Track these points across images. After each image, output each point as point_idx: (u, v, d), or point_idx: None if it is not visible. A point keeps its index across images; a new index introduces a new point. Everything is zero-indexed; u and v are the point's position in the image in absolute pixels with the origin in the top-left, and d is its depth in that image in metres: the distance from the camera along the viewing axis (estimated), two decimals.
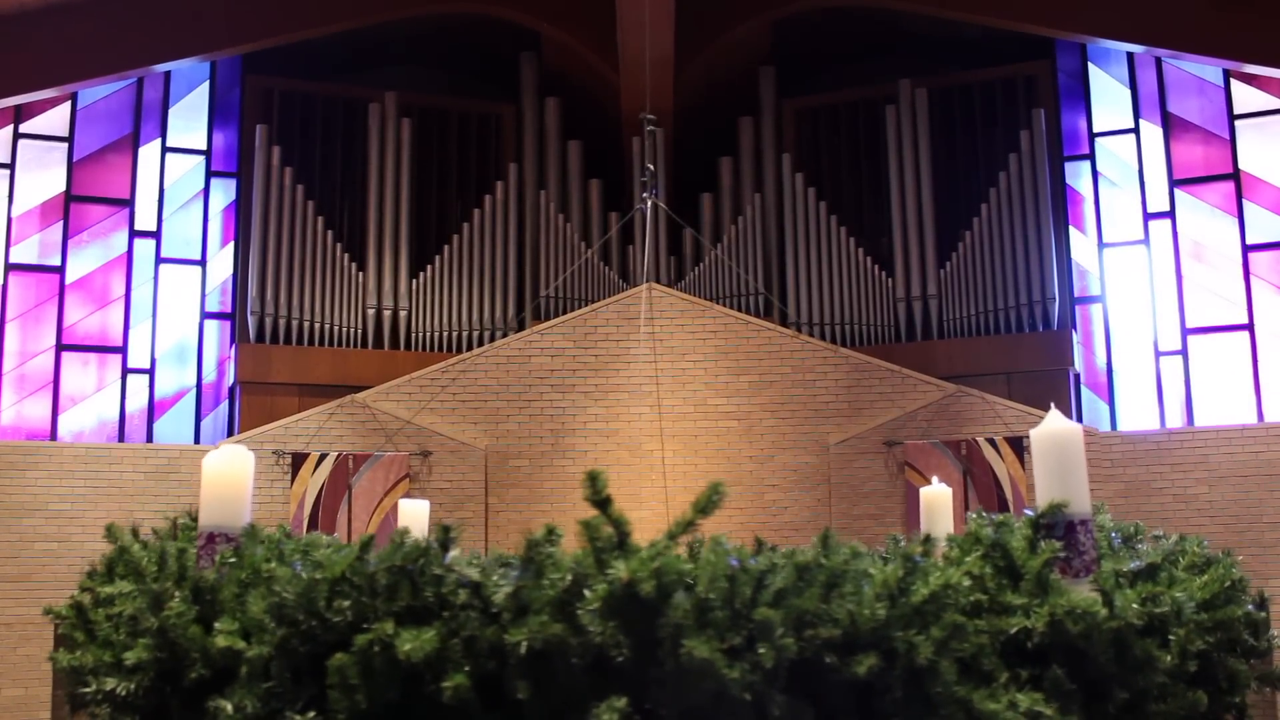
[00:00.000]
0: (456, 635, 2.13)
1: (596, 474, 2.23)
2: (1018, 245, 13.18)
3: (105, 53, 12.87)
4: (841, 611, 2.15)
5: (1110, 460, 11.30)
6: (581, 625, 2.08)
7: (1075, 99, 14.06)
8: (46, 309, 13.02)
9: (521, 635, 2.07)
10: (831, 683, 2.13)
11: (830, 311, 13.51)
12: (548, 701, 2.09)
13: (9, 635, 10.82)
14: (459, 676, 2.09)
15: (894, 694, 2.17)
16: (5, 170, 13.08)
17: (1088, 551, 2.69)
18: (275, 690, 2.27)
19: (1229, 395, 12.92)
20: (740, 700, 2.03)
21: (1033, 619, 2.43)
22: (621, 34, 11.99)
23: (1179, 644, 2.54)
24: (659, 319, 11.99)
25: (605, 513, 2.24)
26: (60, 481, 11.17)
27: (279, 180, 13.32)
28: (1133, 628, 2.44)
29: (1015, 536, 2.67)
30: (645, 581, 2.06)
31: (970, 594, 2.45)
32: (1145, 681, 2.46)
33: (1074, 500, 2.73)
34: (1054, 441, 2.82)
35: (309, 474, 11.31)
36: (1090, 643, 2.41)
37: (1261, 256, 13.08)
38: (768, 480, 11.56)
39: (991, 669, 2.35)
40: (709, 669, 2.00)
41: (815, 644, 2.13)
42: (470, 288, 13.59)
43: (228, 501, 2.96)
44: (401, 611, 2.19)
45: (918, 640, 2.18)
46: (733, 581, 2.13)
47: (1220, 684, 2.75)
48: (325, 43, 13.83)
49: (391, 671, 2.13)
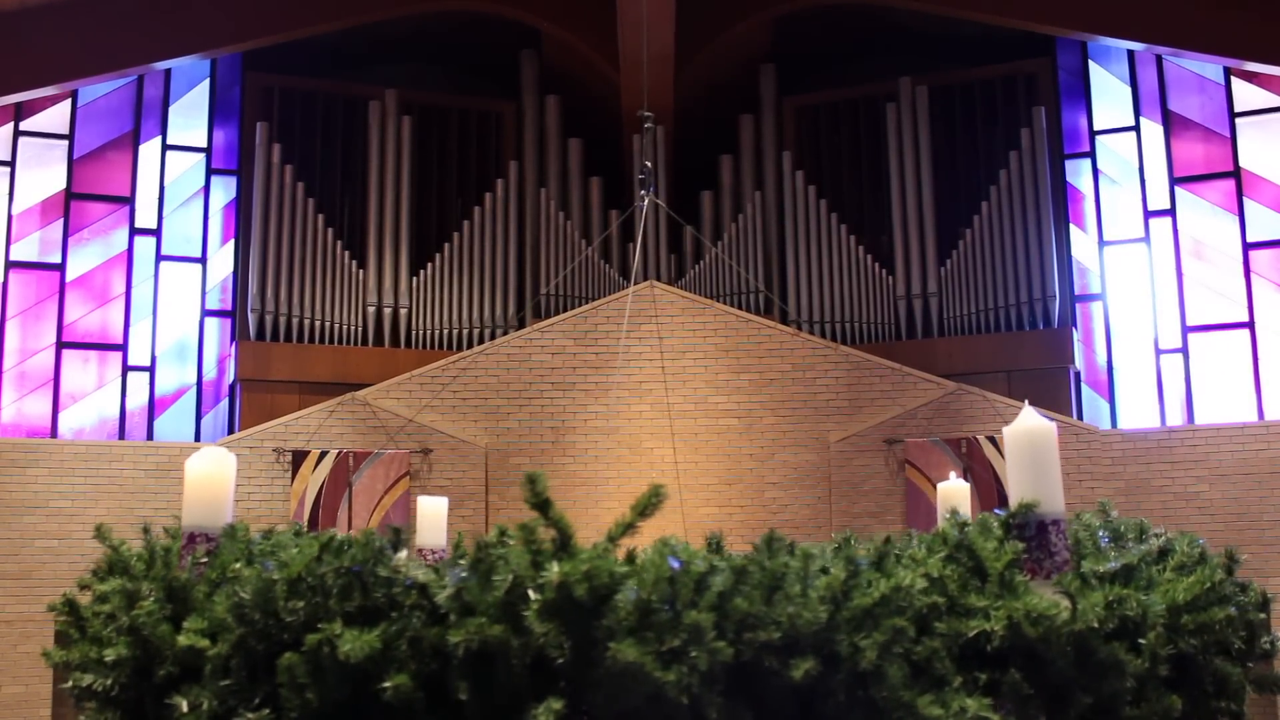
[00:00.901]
0: (403, 636, 2.15)
1: (535, 476, 2.24)
2: (1018, 243, 13.17)
3: (105, 50, 12.87)
4: (782, 614, 2.12)
5: (1110, 458, 11.30)
6: (523, 627, 2.09)
7: (1076, 96, 14.06)
8: (47, 306, 13.02)
9: (460, 636, 2.10)
10: (773, 686, 2.11)
11: (830, 309, 13.51)
12: (489, 702, 2.11)
13: (9, 633, 10.83)
14: (401, 676, 2.11)
15: (837, 698, 2.14)
16: (5, 168, 13.08)
17: (1060, 553, 2.62)
18: (232, 688, 2.31)
19: (1229, 393, 12.92)
20: (676, 703, 2.02)
21: (990, 622, 2.38)
22: (622, 32, 11.99)
23: (1149, 647, 2.47)
24: (660, 317, 11.99)
25: (546, 515, 2.25)
26: (61, 479, 11.17)
27: (279, 178, 13.32)
28: (1096, 631, 2.37)
29: (987, 537, 2.61)
30: (578, 584, 2.08)
31: (928, 596, 2.40)
32: (1112, 686, 2.39)
33: (1046, 500, 2.66)
34: (1028, 439, 2.75)
35: (309, 472, 11.32)
36: (1049, 646, 2.35)
37: (1262, 254, 13.08)
38: (768, 478, 11.57)
39: (944, 673, 2.30)
40: (638, 671, 2.00)
41: (754, 646, 2.11)
42: (471, 286, 13.59)
43: (209, 503, 3.05)
44: (354, 612, 2.22)
45: (864, 643, 2.15)
46: (673, 583, 2.13)
47: (1206, 688, 2.67)
48: (325, 40, 13.83)
49: (340, 671, 2.15)
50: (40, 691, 10.70)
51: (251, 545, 2.81)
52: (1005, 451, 2.80)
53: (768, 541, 2.28)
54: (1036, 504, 2.62)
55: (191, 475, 3.10)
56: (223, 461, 3.14)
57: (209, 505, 3.06)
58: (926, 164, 13.76)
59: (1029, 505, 2.61)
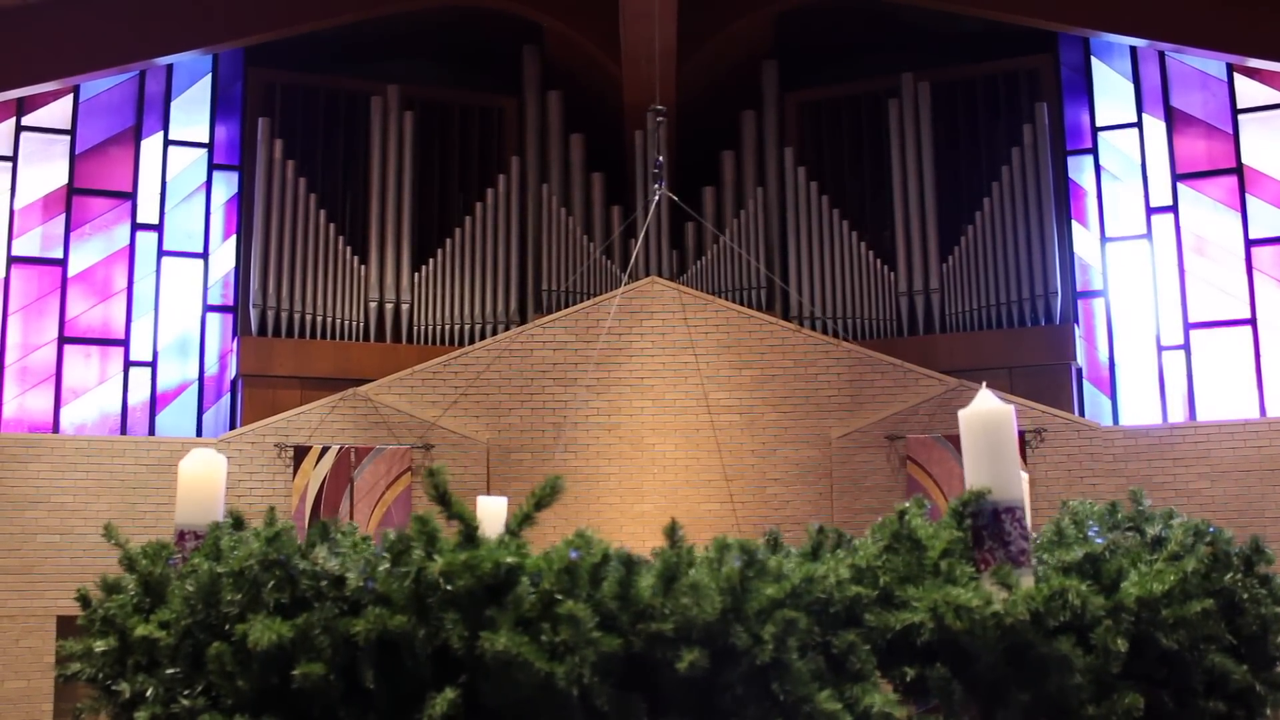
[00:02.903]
0: (320, 625, 2.24)
1: (436, 470, 2.30)
2: (1020, 239, 13.16)
3: (107, 46, 12.86)
4: (677, 606, 2.10)
5: (1112, 455, 11.30)
6: (428, 616, 2.15)
7: (1078, 93, 14.04)
8: (49, 302, 13.03)
9: (361, 626, 2.16)
10: (669, 678, 2.09)
11: (832, 305, 13.51)
12: (395, 690, 2.17)
13: (12, 628, 10.84)
14: (312, 664, 2.17)
15: (735, 691, 2.11)
16: (7, 163, 13.08)
17: (1015, 542, 2.42)
18: (177, 676, 2.42)
19: (1231, 390, 12.92)
20: (566, 693, 2.03)
21: (916, 614, 2.27)
22: (624, 27, 11.98)
23: (1100, 642, 2.31)
24: (661, 313, 12.00)
25: (447, 508, 2.32)
26: (62, 474, 11.18)
27: (281, 173, 13.32)
28: (1030, 625, 2.23)
29: (936, 527, 2.49)
30: (459, 575, 2.13)
31: (856, 588, 2.31)
32: (1056, 683, 2.26)
33: (1000, 486, 2.47)
34: (983, 423, 2.55)
35: (311, 467, 11.32)
36: (974, 640, 2.23)
37: (1264, 251, 13.07)
38: (769, 474, 11.57)
39: (860, 667, 2.22)
40: (520, 661, 2.03)
41: (644, 637, 2.09)
42: (472, 281, 13.59)
43: (200, 501, 3.24)
44: (289, 603, 2.30)
45: (765, 634, 2.11)
46: (571, 574, 2.14)
47: (1194, 686, 2.50)
48: (327, 36, 13.82)
49: (263, 659, 2.23)
50: (42, 686, 10.72)
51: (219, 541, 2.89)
52: (961, 435, 2.58)
53: (670, 531, 2.24)
54: (988, 491, 2.45)
55: (184, 475, 3.27)
56: (213, 462, 3.31)
57: (201, 504, 3.23)
58: (928, 160, 13.74)
59: (979, 492, 2.45)
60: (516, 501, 9.23)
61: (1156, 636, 2.42)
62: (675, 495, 11.60)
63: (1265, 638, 2.65)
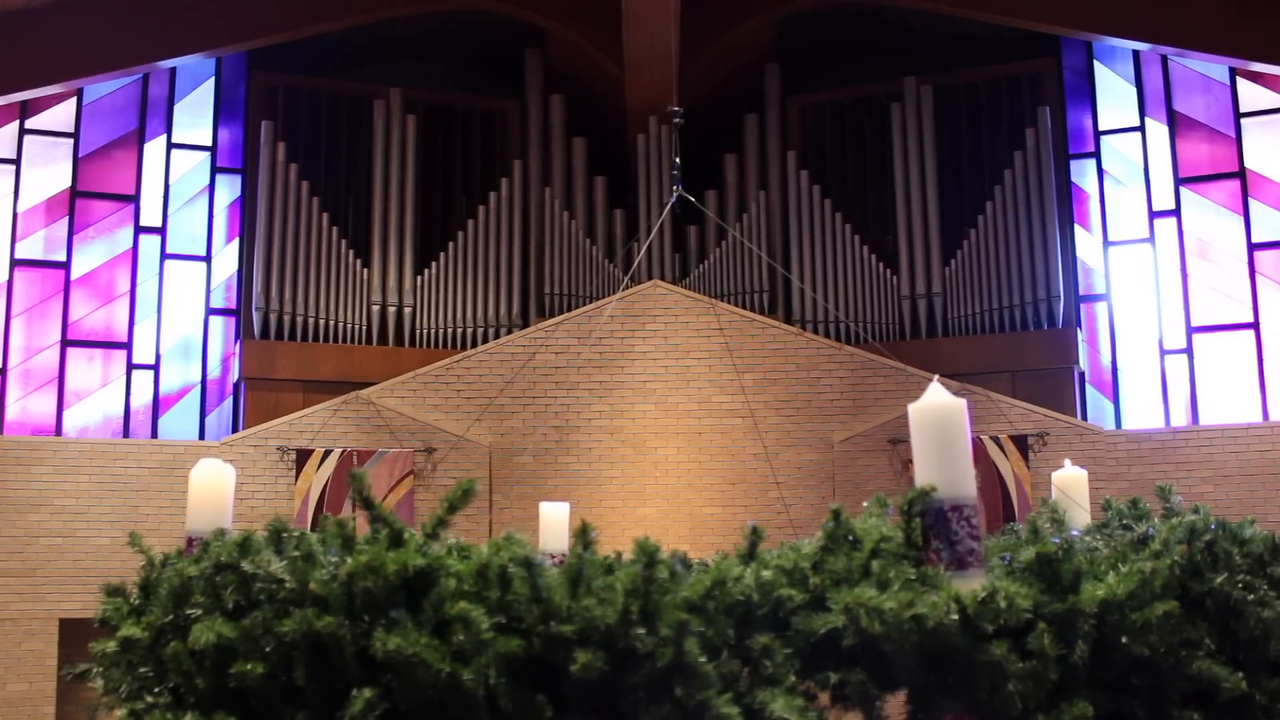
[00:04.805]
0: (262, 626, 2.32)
1: (358, 475, 2.38)
2: (1023, 243, 13.16)
3: (110, 49, 12.88)
4: (578, 608, 2.12)
5: (1115, 459, 11.30)
6: (357, 617, 2.22)
7: (1081, 97, 14.04)
8: (52, 304, 13.04)
9: (289, 626, 2.23)
10: (574, 680, 2.10)
11: (835, 309, 13.50)
12: (326, 688, 2.23)
13: (14, 630, 10.84)
14: (250, 663, 2.25)
15: (637, 694, 2.10)
16: (11, 166, 13.10)
17: (962, 541, 2.30)
18: (146, 674, 2.52)
19: (1234, 394, 12.91)
20: (473, 694, 2.07)
21: (835, 617, 2.19)
22: (627, 31, 11.98)
23: (1038, 647, 2.19)
24: (663, 316, 12.00)
25: (372, 511, 2.40)
26: (65, 477, 11.19)
27: (284, 176, 13.33)
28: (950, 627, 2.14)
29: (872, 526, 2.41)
30: (362, 576, 2.19)
31: (784, 589, 2.26)
32: (985, 690, 2.17)
33: (949, 483, 2.36)
34: (933, 418, 2.44)
35: (313, 470, 11.33)
36: (890, 643, 2.15)
37: (1267, 255, 13.06)
38: (772, 477, 11.55)
39: (772, 671, 2.18)
40: (413, 661, 2.08)
41: (544, 639, 2.12)
42: (475, 284, 13.59)
43: (210, 509, 3.42)
44: (246, 604, 2.38)
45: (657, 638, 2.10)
46: (481, 576, 2.19)
47: (1170, 695, 2.35)
48: (330, 39, 13.85)
49: (215, 659, 2.32)
50: (45, 689, 10.72)
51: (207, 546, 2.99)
52: (911, 430, 2.47)
53: (581, 535, 2.25)
54: (933, 488, 2.35)
55: (194, 484, 3.46)
56: (222, 473, 3.51)
57: (210, 512, 3.41)
58: (931, 164, 13.74)
59: (925, 490, 2.35)
60: (521, 501, 9.25)
61: (1124, 641, 2.29)
62: (677, 499, 11.60)
63: (1266, 643, 2.49)
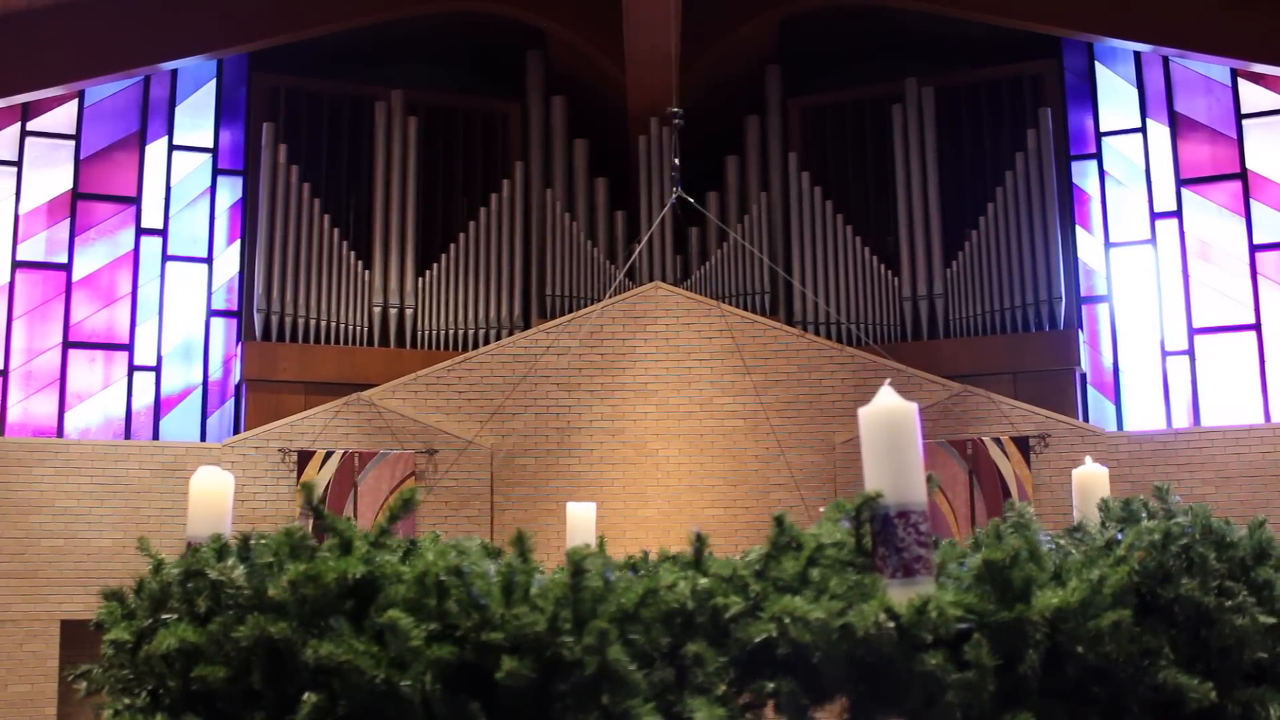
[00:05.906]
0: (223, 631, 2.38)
1: (309, 486, 2.48)
2: (1024, 244, 13.16)
3: (112, 51, 12.89)
4: (510, 616, 2.16)
5: (1116, 460, 11.28)
6: (310, 624, 2.27)
7: (1082, 98, 14.04)
8: (53, 306, 13.05)
9: (242, 632, 2.28)
10: (505, 687, 2.15)
11: (836, 310, 13.50)
12: (282, 692, 2.28)
13: (16, 632, 10.84)
14: (210, 667, 2.30)
15: (565, 701, 2.14)
16: (12, 168, 13.11)
17: (909, 548, 2.25)
18: (126, 676, 2.58)
19: (1236, 395, 12.90)
20: (409, 700, 2.13)
21: (766, 625, 2.17)
22: (628, 32, 11.99)
23: (974, 657, 2.14)
24: (665, 318, 12.00)
25: (321, 519, 2.45)
26: (67, 479, 11.19)
27: (285, 178, 13.33)
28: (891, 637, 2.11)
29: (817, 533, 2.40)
30: (303, 584, 2.24)
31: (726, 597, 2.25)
32: (919, 701, 2.15)
33: (897, 489, 2.30)
34: (884, 421, 2.38)
35: (315, 472, 11.33)
36: (818, 651, 2.13)
37: (1268, 256, 13.06)
38: (773, 479, 11.56)
39: (703, 679, 2.16)
40: (345, 668, 2.13)
41: (474, 647, 2.16)
42: (476, 286, 13.59)
43: (209, 515, 3.46)
44: (215, 609, 2.43)
45: (582, 645, 2.14)
46: (420, 584, 2.22)
47: (1130, 707, 2.29)
48: (332, 41, 13.84)
49: (184, 663, 2.37)
50: (46, 690, 10.72)
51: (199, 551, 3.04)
52: (861, 434, 2.42)
53: (518, 540, 2.30)
54: (878, 494, 2.29)
55: (195, 491, 3.51)
56: (222, 479, 3.56)
57: (210, 517, 3.45)
58: (932, 165, 13.74)
59: (871, 495, 2.30)
60: (522, 503, 9.27)
61: (1079, 651, 2.24)
62: (679, 500, 11.60)
63: (1240, 651, 2.40)
